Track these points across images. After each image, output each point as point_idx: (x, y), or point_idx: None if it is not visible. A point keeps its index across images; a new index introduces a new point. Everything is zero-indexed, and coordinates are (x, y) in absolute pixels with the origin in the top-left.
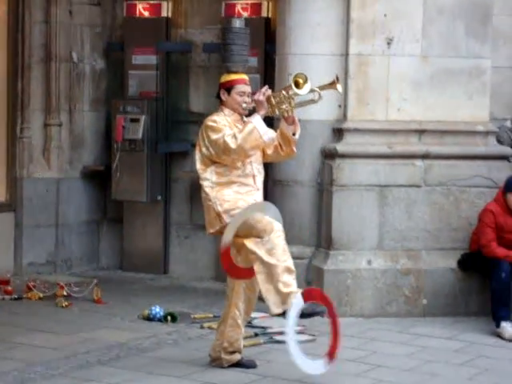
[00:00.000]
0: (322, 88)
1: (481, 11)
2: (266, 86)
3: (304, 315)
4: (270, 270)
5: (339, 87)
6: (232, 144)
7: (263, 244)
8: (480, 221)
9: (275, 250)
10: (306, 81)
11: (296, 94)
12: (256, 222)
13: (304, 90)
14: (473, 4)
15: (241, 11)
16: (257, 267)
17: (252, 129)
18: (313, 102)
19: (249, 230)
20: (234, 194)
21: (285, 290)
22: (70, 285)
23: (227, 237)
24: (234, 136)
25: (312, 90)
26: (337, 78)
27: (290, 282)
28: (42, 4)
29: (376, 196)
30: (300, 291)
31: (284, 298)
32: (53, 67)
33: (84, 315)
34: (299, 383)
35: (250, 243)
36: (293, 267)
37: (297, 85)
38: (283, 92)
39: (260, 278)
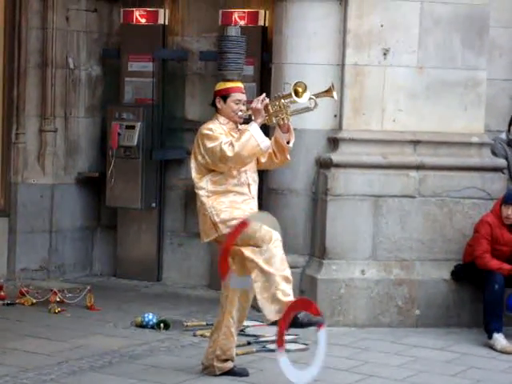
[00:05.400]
0: (317, 96)
1: (477, 23)
2: (264, 95)
3: (300, 325)
4: (268, 279)
5: (335, 95)
6: (229, 152)
7: (261, 253)
8: (476, 232)
9: (274, 259)
10: (305, 89)
11: (294, 102)
12: (254, 231)
13: (303, 99)
14: (469, 16)
15: (237, 19)
16: (255, 275)
17: (249, 137)
18: (308, 109)
19: (247, 240)
20: (230, 204)
21: (283, 298)
22: (63, 291)
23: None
24: (231, 144)
25: (308, 98)
26: (332, 86)
27: (288, 292)
28: (38, 10)
29: (370, 206)
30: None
31: (282, 306)
32: (49, 73)
33: (77, 321)
34: None
35: (248, 252)
36: (290, 277)
37: (296, 93)
38: (282, 100)
39: (257, 286)
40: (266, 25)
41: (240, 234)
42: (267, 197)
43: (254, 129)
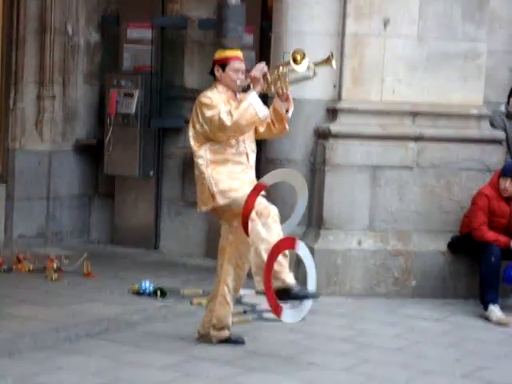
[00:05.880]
0: (316, 64)
1: None
2: (263, 63)
3: (295, 297)
4: (264, 245)
5: (334, 63)
6: (227, 121)
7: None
8: (473, 203)
9: (270, 233)
10: (303, 57)
11: (293, 70)
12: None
13: (302, 67)
14: None
15: None
16: (252, 237)
17: (248, 105)
18: (308, 78)
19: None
20: (229, 174)
21: (276, 267)
22: (60, 258)
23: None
24: (230, 113)
25: (307, 67)
26: (331, 55)
27: (284, 263)
28: None
29: (368, 177)
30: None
31: (275, 275)
32: (47, 39)
33: (74, 288)
34: (287, 360)
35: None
36: (286, 251)
37: (294, 61)
38: (281, 68)
39: (252, 250)
40: None
41: (257, 196)
42: (265, 167)
43: (252, 97)
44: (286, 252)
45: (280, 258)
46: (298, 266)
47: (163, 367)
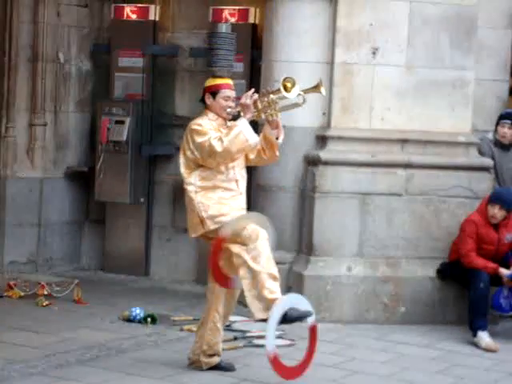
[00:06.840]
0: (306, 91)
1: (465, 23)
2: (253, 90)
3: (290, 320)
4: (254, 276)
5: (323, 90)
6: (218, 147)
7: (248, 252)
8: (462, 230)
9: (260, 257)
10: (294, 85)
11: (283, 98)
12: (242, 229)
13: (292, 94)
14: (458, 16)
15: (228, 17)
16: (242, 272)
17: (238, 132)
18: (297, 105)
19: (234, 237)
20: (219, 200)
21: (270, 296)
22: (51, 284)
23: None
24: (220, 139)
25: (297, 94)
26: (320, 82)
27: (274, 289)
28: (29, 4)
29: (357, 204)
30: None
31: (268, 303)
32: (39, 67)
33: (64, 315)
34: None
35: (235, 248)
36: (277, 274)
37: (285, 88)
38: (271, 96)
39: (245, 283)
40: (257, 22)
41: (222, 248)
42: (256, 193)
43: (243, 124)
44: (277, 275)
45: (270, 283)
46: (288, 290)
47: None
